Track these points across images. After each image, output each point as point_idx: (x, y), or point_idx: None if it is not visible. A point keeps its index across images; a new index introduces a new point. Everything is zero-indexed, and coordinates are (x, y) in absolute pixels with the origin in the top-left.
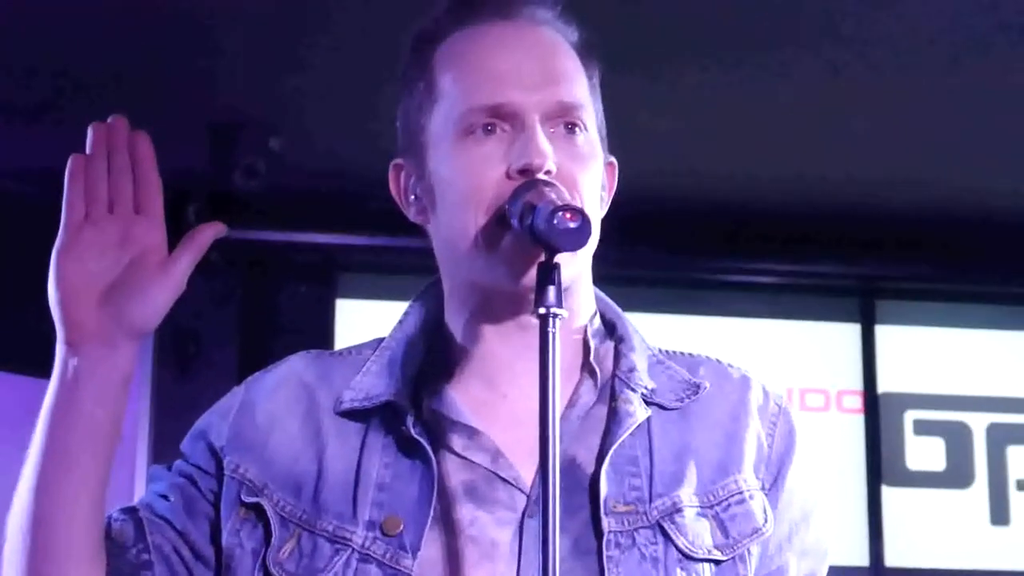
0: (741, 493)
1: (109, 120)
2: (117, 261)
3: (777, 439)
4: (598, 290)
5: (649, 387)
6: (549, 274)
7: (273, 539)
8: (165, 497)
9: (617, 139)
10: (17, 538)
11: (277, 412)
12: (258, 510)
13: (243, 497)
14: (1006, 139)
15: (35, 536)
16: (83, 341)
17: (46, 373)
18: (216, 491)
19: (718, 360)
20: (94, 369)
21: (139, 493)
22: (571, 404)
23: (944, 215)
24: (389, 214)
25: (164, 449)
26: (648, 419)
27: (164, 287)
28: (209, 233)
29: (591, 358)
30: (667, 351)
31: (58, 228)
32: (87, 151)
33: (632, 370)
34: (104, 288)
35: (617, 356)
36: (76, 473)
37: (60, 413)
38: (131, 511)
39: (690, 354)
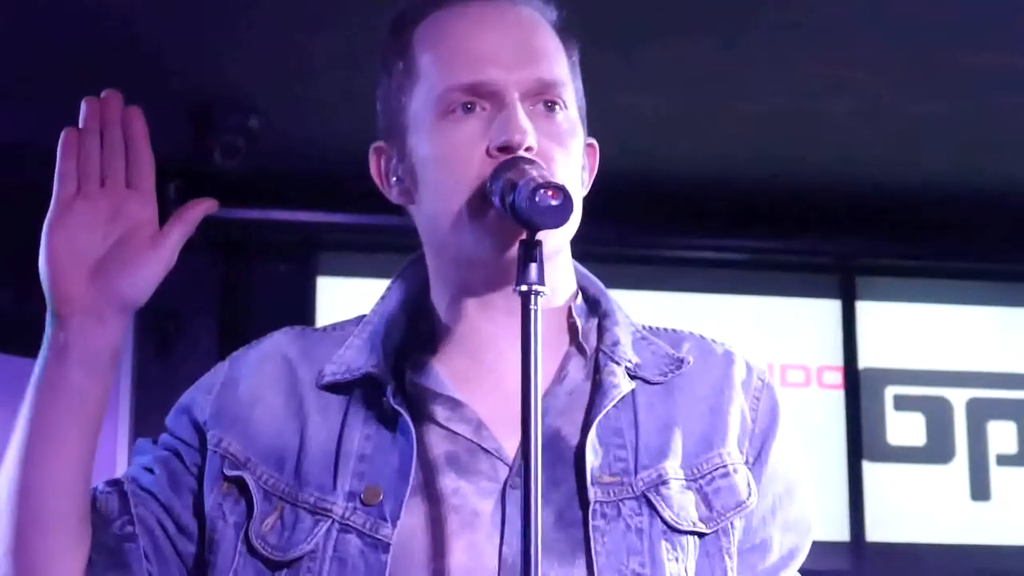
0: (725, 467)
1: (103, 95)
2: (108, 235)
3: (761, 414)
4: (579, 266)
5: (633, 361)
6: (531, 251)
7: (256, 512)
8: (150, 470)
9: (594, 116)
10: (3, 509)
11: (260, 387)
12: (240, 484)
13: (226, 471)
14: (986, 117)
15: (21, 507)
16: (72, 314)
17: (32, 353)
18: (200, 465)
19: (701, 336)
20: (83, 342)
21: (120, 470)
22: (559, 380)
23: (924, 191)
24: (369, 192)
25: (145, 427)
26: (633, 393)
27: (154, 261)
28: (200, 208)
29: (579, 336)
30: (650, 327)
31: (40, 208)
32: (80, 125)
33: (616, 344)
34: (94, 261)
35: (601, 331)
36: (63, 445)
37: (48, 385)
38: (116, 484)
39: (673, 330)
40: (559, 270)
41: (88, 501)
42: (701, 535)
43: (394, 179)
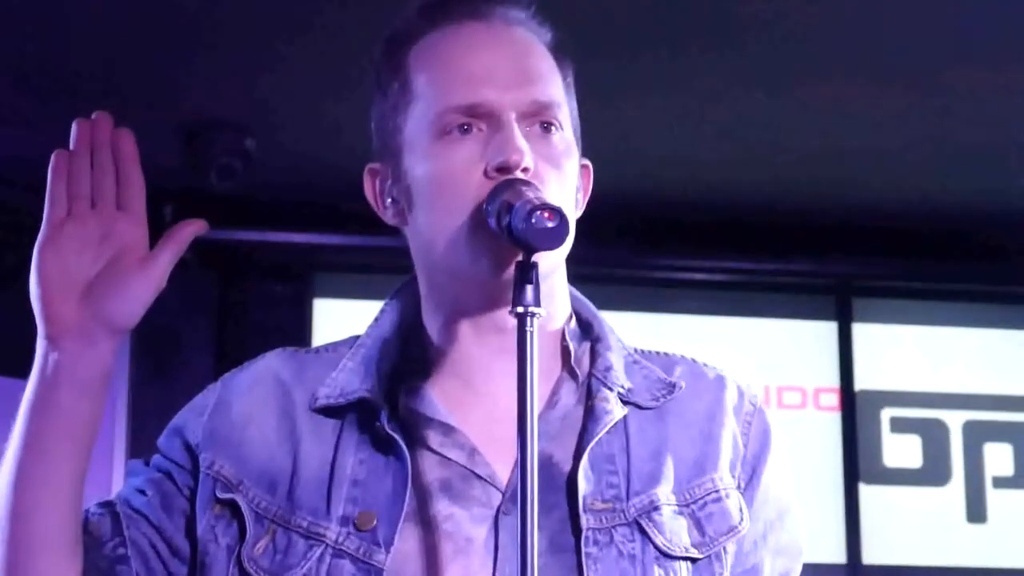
0: (717, 492)
1: (93, 116)
2: (98, 257)
3: (752, 438)
4: (573, 289)
5: (625, 386)
6: (527, 273)
7: (248, 535)
8: (142, 492)
9: (589, 135)
10: None
11: (253, 409)
12: (233, 506)
13: (218, 493)
14: (983, 138)
15: (13, 529)
16: (63, 336)
17: (23, 374)
18: (192, 487)
19: (693, 360)
20: (74, 364)
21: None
22: (550, 405)
23: (921, 213)
24: (365, 213)
25: (141, 449)
26: (625, 418)
27: (145, 283)
28: (190, 230)
29: (571, 361)
30: (643, 351)
31: (33, 230)
32: (71, 147)
33: (609, 369)
34: (85, 284)
35: (593, 356)
36: (54, 467)
37: (39, 408)
38: (108, 505)
39: (665, 354)
40: (554, 293)
41: (80, 523)
42: (694, 560)
43: (389, 200)
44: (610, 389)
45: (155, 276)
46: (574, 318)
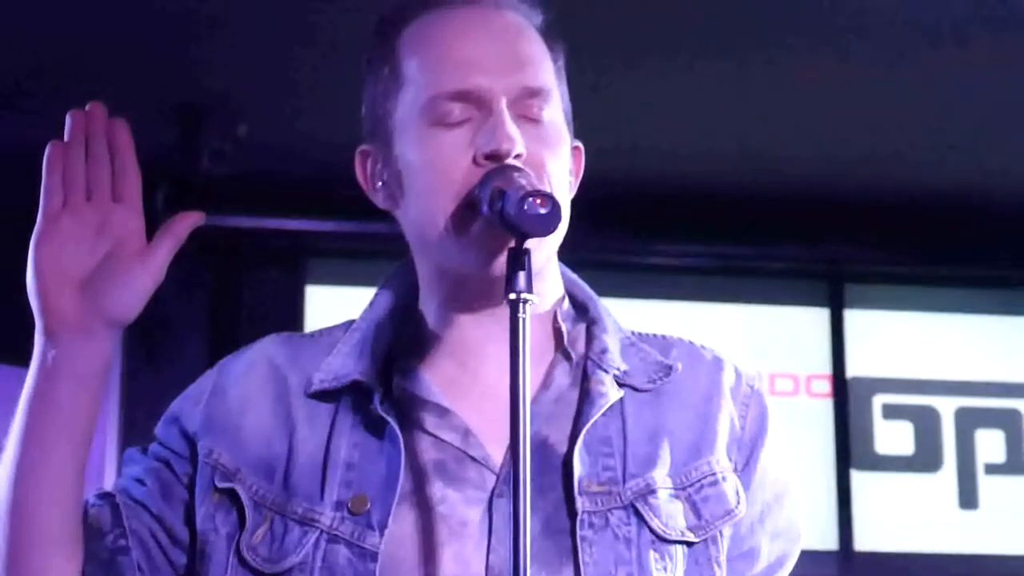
0: (714, 475)
1: (87, 107)
2: (95, 249)
3: (750, 420)
4: (569, 271)
5: (621, 368)
6: (519, 260)
7: (247, 524)
8: (141, 482)
9: (581, 120)
10: None
11: (249, 395)
12: (232, 495)
13: (217, 482)
14: (976, 124)
15: (13, 522)
16: (61, 330)
17: (25, 362)
18: (191, 475)
19: (691, 342)
20: (72, 358)
21: (109, 480)
22: (544, 387)
23: (913, 199)
24: (358, 199)
25: (133, 437)
26: (621, 400)
27: (143, 276)
28: (188, 222)
29: (565, 342)
30: (639, 333)
31: (32, 214)
32: (65, 138)
33: (604, 351)
34: (82, 276)
35: (589, 338)
36: (54, 460)
37: (38, 402)
38: (107, 496)
39: (663, 336)
40: (546, 276)
41: (80, 514)
42: (690, 544)
43: (380, 183)
44: (605, 371)
45: (154, 269)
46: (567, 299)
